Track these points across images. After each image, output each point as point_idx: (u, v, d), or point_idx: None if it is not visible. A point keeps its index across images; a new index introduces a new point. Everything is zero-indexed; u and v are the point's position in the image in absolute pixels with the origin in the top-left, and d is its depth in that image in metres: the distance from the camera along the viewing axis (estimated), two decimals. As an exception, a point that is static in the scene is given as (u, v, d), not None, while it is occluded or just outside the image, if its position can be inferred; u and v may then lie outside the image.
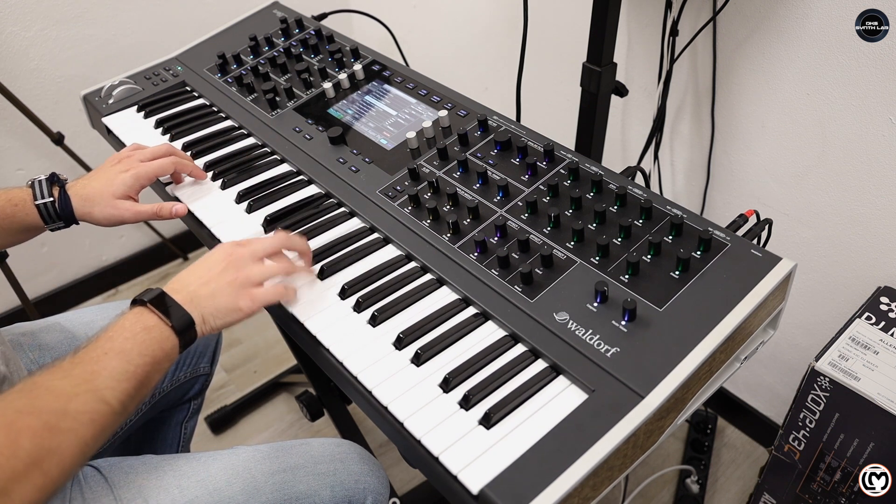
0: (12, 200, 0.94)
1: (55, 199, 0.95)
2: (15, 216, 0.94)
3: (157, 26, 1.95)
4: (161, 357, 0.73)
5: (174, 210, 1.00)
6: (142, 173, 0.99)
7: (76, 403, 0.64)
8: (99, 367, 0.68)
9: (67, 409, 0.63)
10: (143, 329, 0.72)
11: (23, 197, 0.94)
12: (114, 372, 0.68)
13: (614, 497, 1.44)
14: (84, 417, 0.64)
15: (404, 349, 0.78)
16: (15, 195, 0.94)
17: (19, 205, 0.94)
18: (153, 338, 0.72)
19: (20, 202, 0.94)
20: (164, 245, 2.26)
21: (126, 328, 0.72)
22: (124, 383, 0.68)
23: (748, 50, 1.22)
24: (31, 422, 0.61)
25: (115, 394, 0.67)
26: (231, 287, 0.79)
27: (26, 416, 0.61)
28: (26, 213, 0.94)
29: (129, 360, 0.69)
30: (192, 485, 0.83)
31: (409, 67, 1.21)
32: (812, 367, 1.05)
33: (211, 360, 1.22)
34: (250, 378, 1.92)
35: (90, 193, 0.96)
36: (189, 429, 1.26)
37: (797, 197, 1.27)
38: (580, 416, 0.67)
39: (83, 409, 0.64)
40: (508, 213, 0.90)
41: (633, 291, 0.77)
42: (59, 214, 0.95)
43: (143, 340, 0.71)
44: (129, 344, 0.70)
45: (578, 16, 1.48)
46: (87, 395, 0.65)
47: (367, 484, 0.91)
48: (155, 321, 0.74)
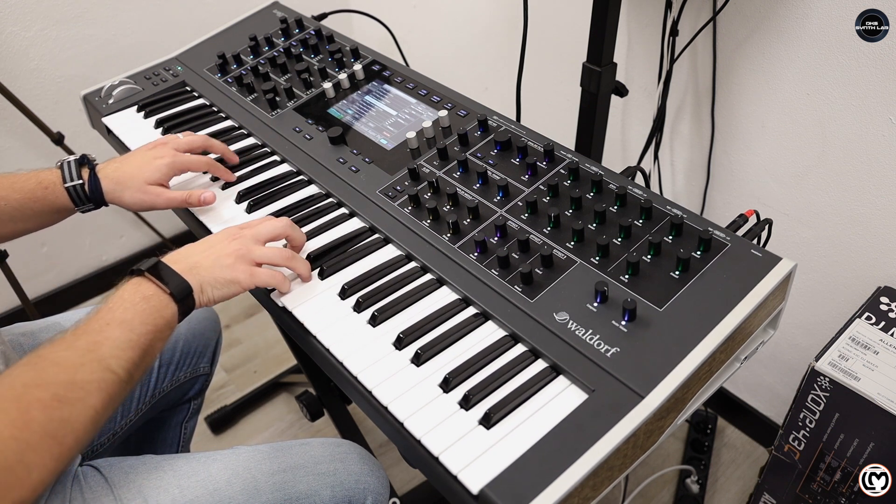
0: (42, 183, 0.94)
1: (84, 181, 0.94)
2: (45, 198, 0.94)
3: (157, 26, 1.95)
4: (162, 325, 0.74)
5: (203, 197, 0.99)
6: (177, 163, 0.99)
7: (83, 373, 0.65)
8: (102, 337, 0.68)
9: (75, 380, 0.64)
10: (143, 298, 0.73)
11: (52, 179, 0.94)
12: (117, 341, 0.69)
13: (614, 497, 1.44)
14: (91, 386, 0.65)
15: (404, 349, 0.78)
16: (45, 177, 0.94)
17: (49, 187, 0.94)
18: (152, 306, 0.73)
19: (50, 185, 0.94)
20: (164, 245, 2.26)
21: (125, 298, 0.73)
22: (128, 352, 0.69)
23: (748, 50, 1.22)
24: (40, 394, 0.62)
25: (120, 362, 0.68)
26: (230, 259, 0.81)
27: (34, 389, 0.62)
28: (56, 195, 0.94)
29: (131, 329, 0.70)
30: (192, 485, 0.83)
31: (409, 67, 1.21)
32: (812, 367, 1.05)
33: (211, 360, 1.22)
34: (250, 378, 1.92)
35: (121, 177, 0.96)
36: (189, 429, 1.26)
37: (797, 197, 1.27)
38: (580, 416, 0.67)
39: (90, 378, 0.65)
40: (508, 213, 0.90)
41: (633, 291, 0.77)
42: (88, 197, 0.95)
43: (144, 309, 0.72)
44: (129, 314, 0.71)
45: (578, 16, 1.49)
46: (93, 363, 0.66)
47: (367, 484, 0.91)
48: (153, 290, 0.75)
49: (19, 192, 0.92)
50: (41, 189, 0.93)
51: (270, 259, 0.84)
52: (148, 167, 0.97)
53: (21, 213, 0.93)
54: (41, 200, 0.94)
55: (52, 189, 0.94)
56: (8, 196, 0.91)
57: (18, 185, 0.93)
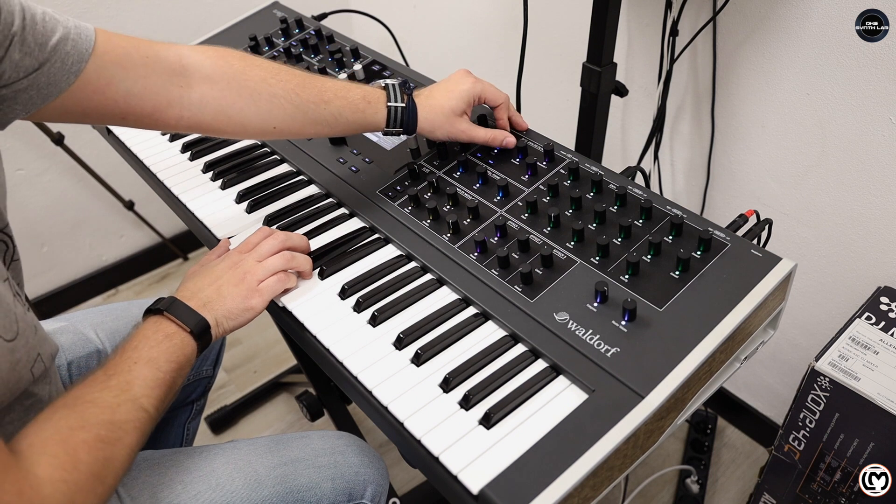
0: (367, 97, 0.92)
1: (406, 105, 0.93)
2: (364, 111, 0.92)
3: (158, 26, 1.95)
4: (184, 362, 0.76)
5: (506, 141, 0.97)
6: (476, 90, 0.96)
7: (120, 413, 0.67)
8: (132, 376, 0.70)
9: (114, 420, 0.66)
10: (165, 337, 0.75)
11: (378, 96, 0.92)
12: (146, 380, 0.71)
13: (614, 497, 1.44)
14: (129, 426, 0.67)
15: (404, 349, 0.78)
16: (370, 92, 0.93)
17: (373, 102, 0.92)
18: (175, 344, 0.75)
19: (374, 100, 0.92)
20: (164, 245, 2.26)
21: (148, 337, 0.75)
22: (157, 390, 0.72)
23: (748, 50, 1.23)
24: (84, 436, 0.64)
25: (150, 401, 0.70)
26: (238, 288, 0.82)
27: (79, 431, 0.64)
28: (376, 111, 0.92)
29: (158, 368, 0.72)
30: (194, 480, 0.83)
31: (409, 67, 1.21)
32: (812, 367, 1.05)
33: (214, 363, 1.23)
34: (250, 378, 1.92)
35: (433, 105, 0.94)
36: (192, 429, 1.27)
37: (797, 197, 1.27)
38: (580, 416, 0.67)
39: (127, 417, 0.68)
40: (508, 213, 0.90)
41: (633, 291, 0.77)
42: (401, 121, 0.93)
43: (167, 348, 0.75)
44: (154, 352, 0.73)
45: (578, 16, 1.49)
46: (128, 404, 0.68)
47: (367, 475, 0.92)
48: (174, 328, 0.77)
49: (342, 100, 0.90)
50: (364, 102, 0.92)
51: (274, 271, 0.85)
52: (451, 94, 0.95)
53: (335, 119, 0.91)
54: (360, 112, 0.92)
55: (374, 105, 0.92)
56: (331, 101, 0.90)
57: (342, 93, 0.91)
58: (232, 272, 0.84)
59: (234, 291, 0.82)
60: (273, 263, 0.85)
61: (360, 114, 0.92)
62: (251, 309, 0.82)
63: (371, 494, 0.92)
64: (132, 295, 2.22)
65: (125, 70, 0.79)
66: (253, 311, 0.83)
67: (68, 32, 0.74)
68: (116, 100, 0.79)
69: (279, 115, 0.89)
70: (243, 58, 0.89)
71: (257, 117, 0.88)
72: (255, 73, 0.88)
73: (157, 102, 0.82)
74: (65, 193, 2.01)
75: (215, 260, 0.88)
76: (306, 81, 0.90)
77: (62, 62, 0.73)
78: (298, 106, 0.89)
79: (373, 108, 0.92)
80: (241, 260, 0.85)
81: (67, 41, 0.73)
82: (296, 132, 0.92)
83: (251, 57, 0.91)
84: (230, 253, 0.88)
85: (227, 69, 0.87)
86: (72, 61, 0.74)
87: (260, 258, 0.85)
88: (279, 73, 0.89)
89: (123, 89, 0.79)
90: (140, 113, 0.82)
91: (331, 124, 0.91)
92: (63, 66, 0.73)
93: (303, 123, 0.90)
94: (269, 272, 0.84)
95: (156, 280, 2.27)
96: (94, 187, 2.03)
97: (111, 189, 2.04)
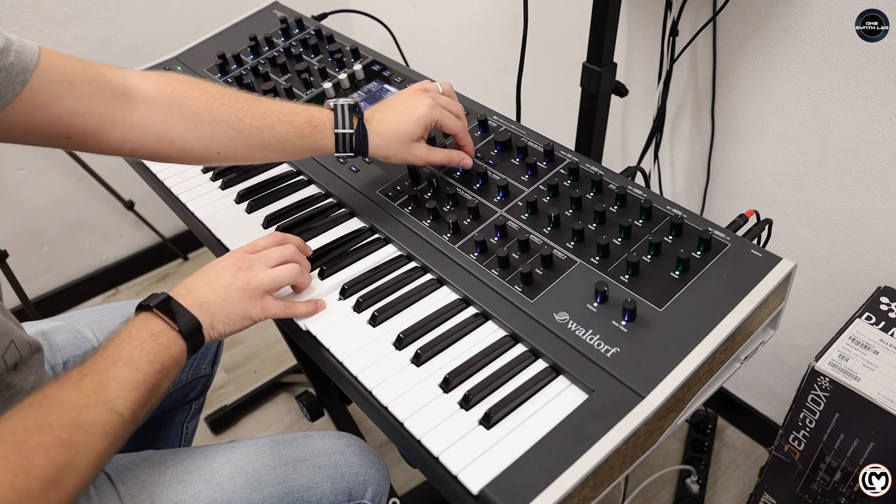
0: (313, 121, 0.89)
1: (354, 131, 0.89)
2: (311, 137, 0.89)
3: (157, 26, 1.95)
4: (170, 363, 0.72)
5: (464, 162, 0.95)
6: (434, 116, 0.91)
7: (87, 416, 0.63)
8: (108, 377, 0.66)
9: (79, 423, 0.62)
10: (151, 335, 0.71)
11: (324, 121, 0.89)
12: (123, 381, 0.67)
13: (614, 497, 1.44)
14: (96, 430, 0.63)
15: (404, 349, 0.78)
16: (316, 116, 0.89)
17: (318, 127, 0.89)
18: (160, 344, 0.72)
19: (320, 125, 0.89)
20: (164, 245, 2.26)
21: (133, 335, 0.71)
22: (134, 392, 0.67)
23: (748, 50, 1.23)
24: (42, 438, 0.59)
25: (125, 403, 0.66)
26: (239, 292, 0.79)
27: (37, 434, 0.60)
28: (323, 136, 0.89)
29: (137, 369, 0.68)
30: (194, 479, 0.83)
31: (409, 67, 1.21)
32: (812, 367, 1.05)
33: (212, 362, 1.23)
34: (250, 378, 1.92)
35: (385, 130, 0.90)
36: (191, 429, 1.27)
37: (797, 197, 1.27)
38: (580, 417, 0.67)
39: (95, 420, 0.63)
40: (508, 213, 0.90)
41: (633, 291, 0.77)
42: (352, 147, 0.90)
43: (151, 347, 0.71)
44: (136, 352, 0.69)
45: (578, 16, 1.49)
46: (98, 406, 0.64)
47: (368, 475, 0.92)
48: (162, 327, 0.73)
49: (286, 125, 0.87)
50: (310, 127, 0.89)
51: (280, 284, 0.82)
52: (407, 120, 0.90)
53: (280, 144, 0.88)
54: (306, 138, 0.89)
55: (320, 130, 0.89)
56: (274, 126, 0.87)
57: (287, 117, 0.88)
58: (236, 274, 0.80)
59: (235, 296, 0.79)
60: (280, 275, 0.82)
61: (306, 139, 0.89)
62: (249, 318, 0.79)
63: (371, 495, 0.92)
64: (132, 295, 2.22)
65: (70, 87, 0.78)
66: (250, 321, 0.80)
67: (11, 44, 0.73)
68: (61, 117, 0.78)
69: (222, 139, 0.86)
70: (187, 81, 0.88)
71: (199, 142, 0.86)
72: (197, 96, 0.86)
73: (101, 122, 0.81)
74: (65, 193, 2.01)
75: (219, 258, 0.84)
76: (250, 105, 0.87)
77: (6, 72, 0.72)
78: (241, 131, 0.86)
79: (319, 132, 0.89)
80: (247, 263, 0.82)
81: (10, 52, 0.72)
82: (242, 157, 0.90)
83: (196, 81, 0.89)
84: (235, 252, 0.84)
85: (169, 93, 0.85)
86: (16, 71, 0.73)
87: (267, 265, 0.82)
88: (223, 97, 0.87)
89: (68, 107, 0.78)
90: (84, 132, 0.81)
91: (277, 149, 0.89)
92: (8, 76, 0.72)
93: (248, 149, 0.88)
94: (275, 283, 0.81)
95: (156, 280, 2.27)
96: (93, 187, 2.03)
97: (111, 189, 2.04)
